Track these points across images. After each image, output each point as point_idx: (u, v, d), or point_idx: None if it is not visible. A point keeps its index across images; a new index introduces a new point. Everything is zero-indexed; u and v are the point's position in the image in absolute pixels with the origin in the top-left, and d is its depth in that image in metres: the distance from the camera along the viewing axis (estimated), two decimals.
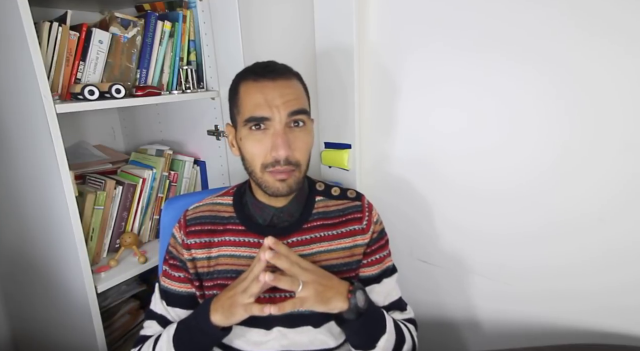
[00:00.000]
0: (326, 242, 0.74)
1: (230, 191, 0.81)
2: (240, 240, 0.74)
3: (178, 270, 0.76)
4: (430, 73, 0.89)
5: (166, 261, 0.78)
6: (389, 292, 0.79)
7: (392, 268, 0.80)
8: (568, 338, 0.82)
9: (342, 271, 0.74)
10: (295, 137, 0.68)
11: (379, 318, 0.71)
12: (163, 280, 0.77)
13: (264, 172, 0.69)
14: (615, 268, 0.75)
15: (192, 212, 0.78)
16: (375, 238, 0.77)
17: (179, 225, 0.77)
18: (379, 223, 0.79)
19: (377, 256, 0.78)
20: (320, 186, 0.81)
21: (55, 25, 0.94)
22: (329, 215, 0.77)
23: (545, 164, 0.79)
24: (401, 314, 0.80)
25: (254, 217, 0.75)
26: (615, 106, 0.70)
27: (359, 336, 0.70)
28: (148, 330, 0.76)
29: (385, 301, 0.78)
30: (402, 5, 0.90)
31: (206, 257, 0.74)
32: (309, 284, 0.64)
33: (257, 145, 0.68)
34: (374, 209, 0.80)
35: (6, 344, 1.40)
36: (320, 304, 0.64)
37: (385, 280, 0.78)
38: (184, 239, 0.75)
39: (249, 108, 0.68)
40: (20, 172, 1.04)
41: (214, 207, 0.78)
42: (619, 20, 0.67)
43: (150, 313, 0.77)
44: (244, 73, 0.72)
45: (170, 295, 0.76)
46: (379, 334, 0.69)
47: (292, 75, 0.72)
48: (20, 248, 1.17)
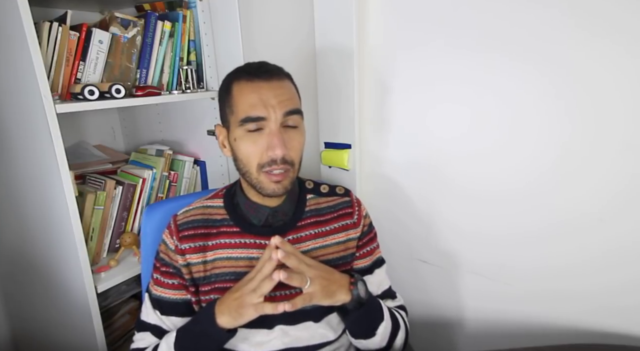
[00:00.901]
0: (321, 238, 0.76)
1: (220, 193, 0.80)
2: (236, 241, 0.73)
3: (171, 277, 0.73)
4: (430, 72, 0.89)
5: (157, 269, 0.75)
6: (381, 282, 0.82)
7: (381, 259, 0.84)
8: (568, 338, 0.82)
9: (339, 265, 0.76)
10: (289, 137, 0.69)
11: (377, 307, 0.73)
12: (155, 288, 0.74)
13: (260, 172, 0.69)
14: (615, 268, 0.75)
15: (183, 216, 0.76)
16: (365, 231, 0.81)
17: (170, 231, 0.75)
18: (367, 217, 0.83)
19: (368, 248, 0.81)
20: (310, 184, 0.82)
21: (55, 25, 0.94)
22: (321, 212, 0.78)
23: (545, 165, 0.79)
24: (393, 302, 0.83)
25: (248, 217, 0.75)
26: (616, 106, 0.70)
27: (359, 325, 0.73)
28: (140, 342, 0.73)
29: (379, 291, 0.81)
30: (402, 5, 0.90)
31: (202, 261, 0.73)
32: (315, 279, 0.65)
33: (252, 146, 0.68)
34: (362, 204, 0.83)
35: (6, 344, 1.40)
36: (326, 298, 0.66)
37: (377, 271, 0.81)
38: (177, 245, 0.73)
39: (244, 108, 0.68)
40: (20, 172, 1.04)
41: (205, 210, 0.77)
42: (620, 20, 0.67)
43: (142, 324, 0.74)
44: (236, 73, 0.72)
45: (164, 303, 0.73)
46: (378, 322, 0.72)
47: (284, 76, 0.73)
48: (20, 248, 1.17)
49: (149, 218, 0.88)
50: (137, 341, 0.74)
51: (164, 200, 1.04)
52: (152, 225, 0.86)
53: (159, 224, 0.85)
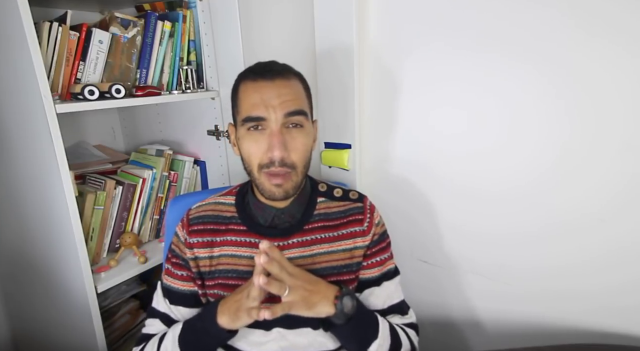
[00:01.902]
0: (327, 244, 0.74)
1: (233, 191, 0.81)
2: (242, 240, 0.74)
3: (181, 268, 0.76)
4: (430, 73, 0.89)
5: (169, 259, 0.78)
6: (390, 295, 0.77)
7: (393, 270, 0.79)
8: (568, 338, 0.82)
9: (342, 273, 0.74)
10: (292, 138, 0.68)
11: (370, 323, 0.70)
12: (166, 278, 0.77)
13: (260, 172, 0.69)
14: (615, 268, 0.75)
15: (195, 211, 0.78)
16: (376, 240, 0.76)
17: (182, 224, 0.78)
18: (380, 225, 0.78)
19: (378, 258, 0.76)
20: (323, 187, 0.80)
21: (55, 25, 0.94)
22: (330, 216, 0.76)
23: (545, 164, 0.79)
24: (401, 318, 0.77)
25: (256, 217, 0.75)
26: (615, 106, 0.70)
27: (348, 341, 0.70)
28: (150, 328, 0.76)
29: (385, 305, 0.76)
30: (402, 4, 0.90)
31: (208, 256, 0.74)
32: (295, 289, 0.63)
33: (253, 145, 0.68)
34: (376, 211, 0.79)
35: (6, 344, 1.40)
36: (306, 309, 0.64)
37: (386, 283, 0.76)
38: (186, 238, 0.75)
39: (246, 108, 0.68)
40: (20, 172, 1.04)
41: (216, 207, 0.78)
42: (619, 20, 0.67)
43: (153, 311, 0.77)
44: (245, 73, 0.73)
45: (172, 293, 0.76)
46: (370, 339, 0.68)
47: (292, 75, 0.72)
48: (20, 248, 1.17)
49: (172, 210, 0.91)
50: (147, 327, 0.77)
51: (188, 193, 1.07)
52: (176, 217, 0.87)
53: (181, 216, 0.85)
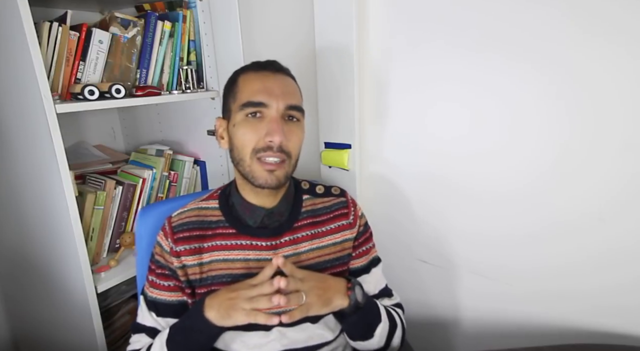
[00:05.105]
0: (317, 239, 0.76)
1: (214, 195, 0.79)
2: (232, 243, 0.73)
3: (167, 278, 0.73)
4: (430, 73, 0.89)
5: (152, 271, 0.75)
6: (378, 281, 0.82)
7: (377, 258, 0.84)
8: (568, 338, 0.82)
9: (335, 265, 0.77)
10: (289, 129, 0.70)
11: (374, 309, 0.73)
12: (150, 291, 0.74)
13: (253, 158, 0.68)
14: (615, 268, 0.75)
15: (177, 218, 0.75)
16: (361, 231, 0.81)
17: (164, 233, 0.74)
18: (363, 217, 0.83)
19: (364, 248, 0.81)
20: (305, 185, 0.82)
21: (55, 25, 0.94)
22: (317, 212, 0.78)
23: (545, 164, 0.79)
24: (390, 300, 0.83)
25: (244, 219, 0.74)
26: (615, 106, 0.70)
27: (357, 328, 0.73)
28: (136, 344, 0.73)
29: (376, 290, 0.82)
30: (402, 4, 0.90)
31: (197, 263, 0.72)
32: (310, 291, 0.65)
33: (250, 131, 0.68)
34: (357, 204, 0.83)
35: (6, 344, 1.40)
36: (324, 306, 0.66)
37: (374, 270, 0.81)
38: (172, 246, 0.72)
39: (247, 94, 0.69)
40: (20, 172, 1.04)
41: (200, 212, 0.76)
42: (619, 20, 0.67)
43: (138, 326, 0.74)
44: (246, 66, 0.75)
45: (160, 305, 0.73)
46: (375, 324, 0.72)
47: (291, 77, 0.76)
48: (20, 248, 1.17)
49: (143, 220, 0.87)
50: (133, 344, 0.74)
51: (158, 202, 1.03)
52: (147, 227, 0.86)
53: (153, 226, 0.84)
